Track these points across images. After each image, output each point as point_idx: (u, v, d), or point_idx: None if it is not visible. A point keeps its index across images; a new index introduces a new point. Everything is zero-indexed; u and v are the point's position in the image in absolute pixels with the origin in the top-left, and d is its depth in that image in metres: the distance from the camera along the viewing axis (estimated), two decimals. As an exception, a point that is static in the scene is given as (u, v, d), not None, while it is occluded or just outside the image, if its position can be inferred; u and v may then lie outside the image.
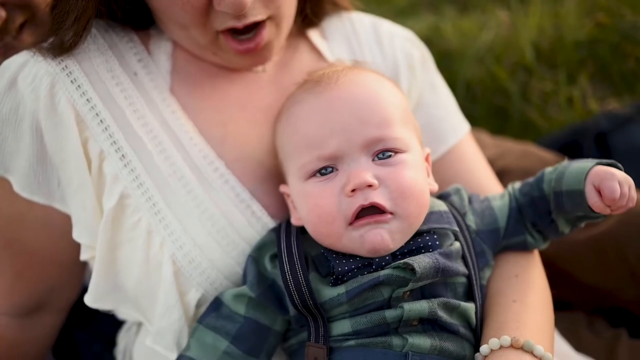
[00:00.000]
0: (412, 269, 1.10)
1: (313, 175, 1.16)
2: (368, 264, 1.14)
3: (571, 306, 1.85)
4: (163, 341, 1.25)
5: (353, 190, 1.11)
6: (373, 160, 1.15)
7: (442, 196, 1.30)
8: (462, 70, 3.02)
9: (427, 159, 1.27)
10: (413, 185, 1.13)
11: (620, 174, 1.12)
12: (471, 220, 1.25)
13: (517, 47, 3.06)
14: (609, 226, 1.76)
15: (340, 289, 1.12)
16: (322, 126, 1.15)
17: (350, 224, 1.12)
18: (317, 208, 1.14)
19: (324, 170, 1.15)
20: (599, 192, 1.12)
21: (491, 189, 1.43)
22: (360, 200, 1.11)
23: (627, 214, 1.75)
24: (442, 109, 1.50)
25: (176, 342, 1.25)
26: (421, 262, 1.10)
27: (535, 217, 1.25)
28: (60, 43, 1.20)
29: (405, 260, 1.10)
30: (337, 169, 1.15)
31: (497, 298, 1.21)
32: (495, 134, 2.58)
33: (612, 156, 2.17)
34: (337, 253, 1.15)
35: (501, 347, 1.10)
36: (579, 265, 1.79)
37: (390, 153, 1.15)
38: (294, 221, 1.21)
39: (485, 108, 2.92)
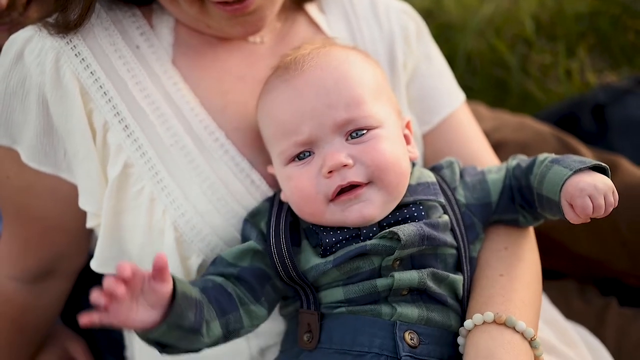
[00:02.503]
0: (398, 238, 1.14)
1: (292, 160, 1.20)
2: (356, 235, 1.18)
3: (564, 276, 1.88)
4: (167, 304, 1.30)
5: (330, 172, 1.14)
6: (347, 140, 1.17)
7: (434, 168, 1.33)
8: (462, 42, 3.03)
9: (407, 126, 1.30)
10: (388, 157, 1.16)
11: (591, 188, 1.08)
12: (461, 195, 1.27)
13: (517, 19, 3.06)
14: (602, 197, 1.80)
15: (329, 258, 1.17)
16: (293, 114, 1.18)
17: (331, 200, 1.16)
18: (298, 190, 1.18)
19: (302, 155, 1.19)
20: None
21: (486, 160, 1.45)
22: (338, 180, 1.14)
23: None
24: (437, 80, 1.52)
25: None
26: (406, 230, 1.14)
27: (524, 203, 1.26)
28: (66, 23, 1.23)
29: (391, 229, 1.14)
30: (313, 153, 1.18)
31: (485, 271, 1.24)
32: (495, 106, 2.60)
33: (609, 129, 2.20)
34: (326, 226, 1.19)
35: (484, 322, 1.14)
36: (572, 236, 1.81)
37: (363, 131, 1.17)
38: (282, 197, 1.25)
39: (485, 80, 2.94)
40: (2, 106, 1.25)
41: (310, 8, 1.48)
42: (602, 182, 1.10)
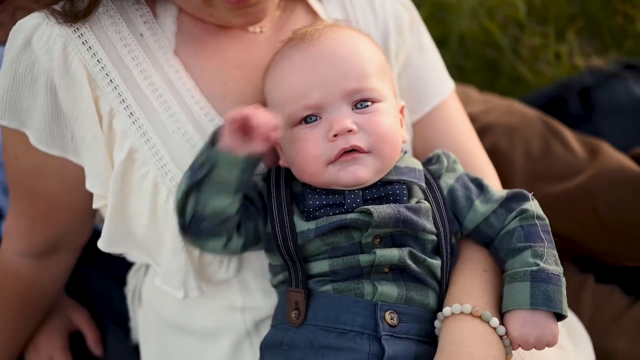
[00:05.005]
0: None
1: (299, 122, 1.27)
2: (340, 203, 1.25)
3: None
4: (170, 282, 1.37)
5: (335, 136, 1.22)
6: (352, 109, 1.25)
7: (423, 162, 1.38)
8: (456, 23, 3.06)
9: (401, 112, 1.37)
10: (388, 129, 1.25)
11: (519, 336, 1.17)
12: (443, 187, 1.33)
13: (509, 1, 3.10)
14: (582, 181, 1.84)
15: (311, 225, 1.24)
16: (305, 79, 1.25)
17: (331, 162, 1.23)
18: (302, 150, 1.25)
19: (309, 119, 1.26)
20: None
21: (472, 148, 1.52)
22: (342, 144, 1.22)
23: (598, 168, 1.87)
24: (429, 70, 1.57)
25: (182, 282, 1.36)
26: (381, 210, 1.21)
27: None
28: (73, 13, 1.26)
29: (367, 207, 1.22)
30: (320, 118, 1.26)
31: (470, 263, 1.31)
32: (486, 87, 2.65)
33: (595, 111, 2.26)
34: (314, 189, 1.27)
35: (462, 312, 1.21)
36: (553, 217, 1.81)
37: (367, 103, 1.26)
38: (281, 163, 1.33)
39: (477, 61, 2.98)
40: (11, 91, 1.29)
41: (309, -3, 1.52)
42: (536, 334, 1.17)
